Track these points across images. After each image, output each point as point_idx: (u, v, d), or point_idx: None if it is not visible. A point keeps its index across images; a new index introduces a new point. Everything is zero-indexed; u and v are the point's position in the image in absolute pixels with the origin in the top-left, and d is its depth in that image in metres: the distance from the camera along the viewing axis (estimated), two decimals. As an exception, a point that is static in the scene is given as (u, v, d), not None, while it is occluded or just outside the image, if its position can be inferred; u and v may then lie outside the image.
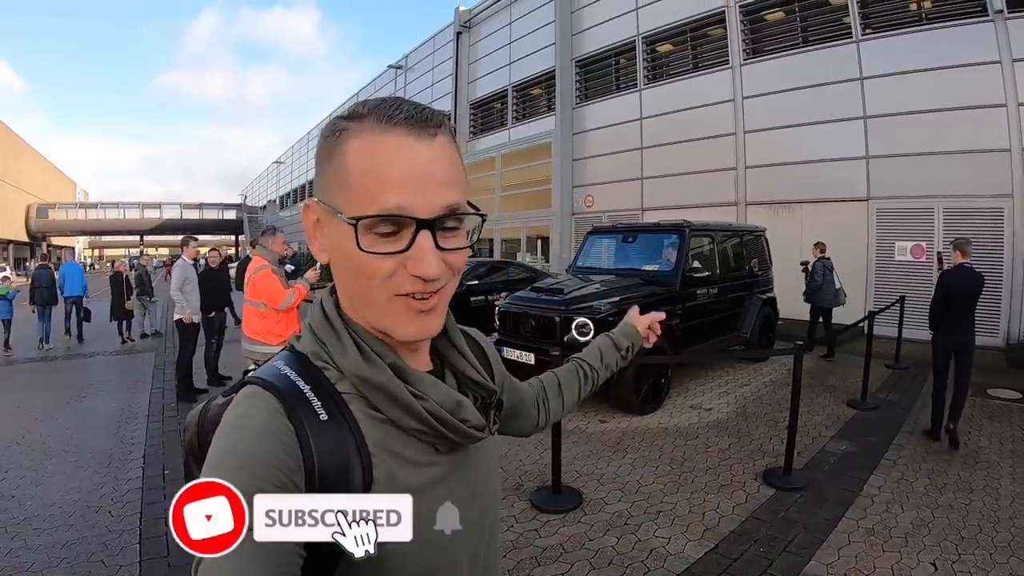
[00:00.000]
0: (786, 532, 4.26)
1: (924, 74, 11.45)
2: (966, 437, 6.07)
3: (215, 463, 0.72)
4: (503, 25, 22.38)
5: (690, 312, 7.87)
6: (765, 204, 14.03)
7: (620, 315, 6.84)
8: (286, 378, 0.82)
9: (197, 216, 65.01)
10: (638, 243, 8.84)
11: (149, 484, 5.17)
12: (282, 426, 0.76)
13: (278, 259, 5.91)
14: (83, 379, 9.46)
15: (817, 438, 6.19)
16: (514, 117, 22.14)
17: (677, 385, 8.08)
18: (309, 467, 0.75)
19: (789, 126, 13.59)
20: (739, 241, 9.54)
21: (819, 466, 5.47)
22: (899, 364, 9.32)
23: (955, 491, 4.89)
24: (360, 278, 0.80)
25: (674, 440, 6.21)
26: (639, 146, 17.11)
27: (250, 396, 0.80)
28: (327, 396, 0.81)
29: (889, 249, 11.90)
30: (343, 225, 0.77)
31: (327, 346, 0.85)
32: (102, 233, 69.03)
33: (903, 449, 5.84)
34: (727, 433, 6.38)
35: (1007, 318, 10.77)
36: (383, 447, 0.82)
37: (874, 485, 5.02)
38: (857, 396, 7.46)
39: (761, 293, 9.69)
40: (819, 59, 13.08)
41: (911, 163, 11.67)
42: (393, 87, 30.52)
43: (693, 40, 16.04)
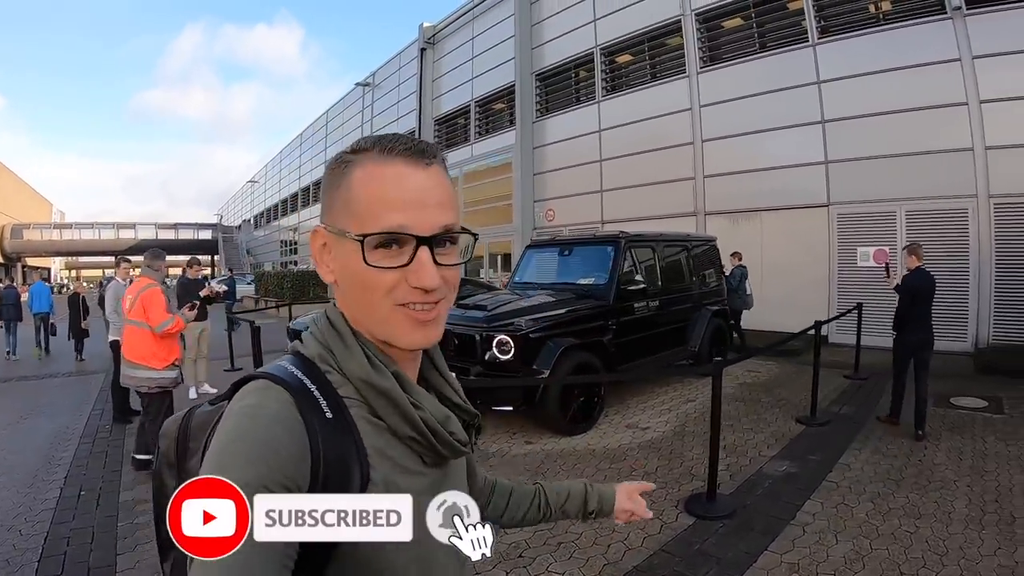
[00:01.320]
0: (695, 568, 3.75)
1: (882, 75, 11.17)
2: (921, 454, 5.62)
3: (225, 448, 0.74)
4: (465, 40, 22.13)
5: (626, 327, 7.44)
6: (725, 213, 13.68)
7: (545, 331, 6.34)
8: (294, 375, 0.85)
9: (172, 236, 64.34)
10: (574, 257, 8.47)
11: (63, 504, 5.01)
12: (294, 419, 0.78)
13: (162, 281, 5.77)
14: (31, 401, 9.17)
15: (756, 458, 5.67)
16: (477, 132, 21.83)
17: (617, 403, 7.68)
18: (315, 461, 0.77)
19: (747, 133, 13.27)
20: (685, 251, 9.09)
21: (752, 490, 4.93)
22: (858, 374, 8.88)
23: (901, 517, 4.35)
24: (366, 292, 0.86)
25: (599, 463, 5.74)
26: (598, 158, 16.81)
27: (262, 388, 0.82)
28: (330, 397, 0.84)
29: (851, 255, 11.47)
30: (350, 244, 0.85)
31: (333, 352, 0.89)
32: (77, 254, 68.58)
33: (849, 469, 5.30)
34: (658, 454, 5.88)
35: (975, 322, 10.40)
36: (379, 451, 0.84)
37: (809, 512, 4.49)
38: (808, 411, 6.93)
39: (711, 305, 9.23)
40: (776, 64, 12.80)
41: (871, 167, 11.35)
42: (361, 104, 30.35)
43: (651, 50, 15.75)
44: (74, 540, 4.33)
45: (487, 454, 5.99)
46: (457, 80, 22.66)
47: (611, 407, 7.42)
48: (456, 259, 0.91)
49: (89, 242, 62.86)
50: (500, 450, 6.16)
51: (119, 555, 4.07)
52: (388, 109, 27.55)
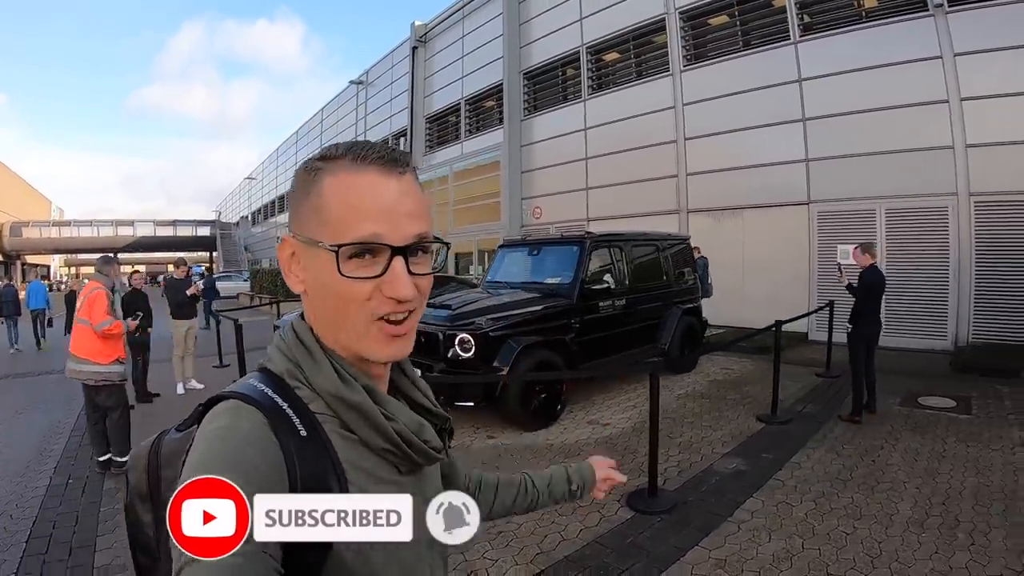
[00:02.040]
0: (624, 560, 3.77)
1: (863, 73, 11.17)
2: (875, 454, 5.56)
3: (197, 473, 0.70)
4: (456, 39, 22.20)
5: (590, 325, 7.46)
6: (707, 211, 13.72)
7: (505, 329, 6.34)
8: (264, 394, 0.83)
9: (171, 233, 64.09)
10: (542, 256, 8.49)
11: (52, 492, 5.28)
12: (267, 439, 0.76)
13: (111, 286, 6.06)
14: (28, 397, 9.32)
15: (708, 455, 5.64)
16: (467, 130, 21.91)
17: (583, 399, 7.70)
18: (292, 481, 0.76)
19: (729, 131, 13.28)
20: (654, 250, 9.09)
21: (696, 487, 4.92)
22: (830, 372, 8.80)
23: (841, 517, 4.30)
24: (339, 303, 0.84)
25: (554, 456, 5.76)
26: (584, 156, 16.84)
27: (232, 408, 0.80)
28: (303, 414, 0.82)
29: (831, 253, 11.39)
30: (322, 254, 0.83)
31: (302, 367, 0.87)
32: (76, 251, 68.19)
33: (799, 468, 5.27)
34: (613, 450, 5.84)
35: (955, 321, 10.39)
36: (354, 465, 0.84)
37: (749, 509, 4.47)
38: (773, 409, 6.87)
39: (683, 303, 9.21)
40: (757, 63, 12.82)
41: (852, 164, 11.36)
42: (355, 102, 30.35)
43: (636, 48, 15.77)
44: (60, 523, 4.61)
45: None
46: (448, 78, 22.72)
47: (576, 404, 7.43)
48: (429, 268, 0.89)
49: (88, 239, 62.23)
50: (461, 444, 6.19)
51: (99, 536, 4.35)
52: (381, 107, 27.61)
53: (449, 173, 22.05)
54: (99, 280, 5.94)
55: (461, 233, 21.31)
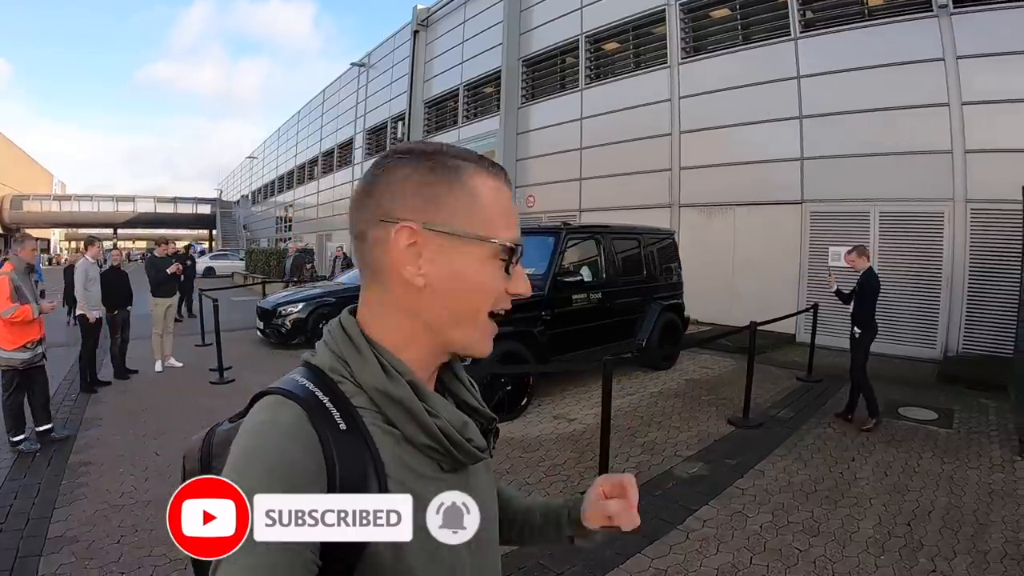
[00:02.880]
0: (561, 564, 3.67)
1: (863, 72, 10.88)
2: (844, 466, 5.34)
3: (239, 467, 0.73)
4: (457, 24, 21.99)
5: (563, 318, 7.32)
6: (699, 206, 13.47)
7: None
8: (305, 388, 0.83)
9: (171, 210, 64.28)
10: None
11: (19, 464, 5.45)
12: (308, 433, 0.76)
13: (26, 266, 6.00)
14: None
15: (670, 458, 5.46)
16: (465, 116, 21.71)
17: (553, 393, 7.59)
18: (331, 475, 0.76)
19: (724, 126, 13.04)
20: (635, 244, 8.90)
21: (651, 491, 4.72)
22: (811, 376, 8.60)
23: (797, 532, 4.10)
24: (476, 298, 0.87)
25: (511, 451, 5.60)
26: (578, 146, 16.61)
27: (273, 404, 0.81)
28: (343, 408, 0.82)
29: (823, 254, 11.17)
30: (471, 248, 0.86)
31: (347, 361, 0.87)
32: (76, 226, 68.31)
33: (762, 477, 5.07)
34: (572, 447, 5.70)
35: (945, 330, 10.14)
36: (395, 460, 0.83)
37: (701, 518, 4.29)
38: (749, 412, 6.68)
39: (663, 299, 9.03)
40: (756, 58, 12.54)
41: (847, 165, 11.07)
42: (356, 84, 30.18)
43: (635, 39, 15.49)
44: (21, 494, 4.75)
45: None
46: (448, 63, 22.51)
47: (545, 398, 7.29)
48: None
49: (88, 214, 62.53)
50: None
51: (56, 508, 4.47)
52: (381, 90, 27.45)
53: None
54: (12, 263, 5.93)
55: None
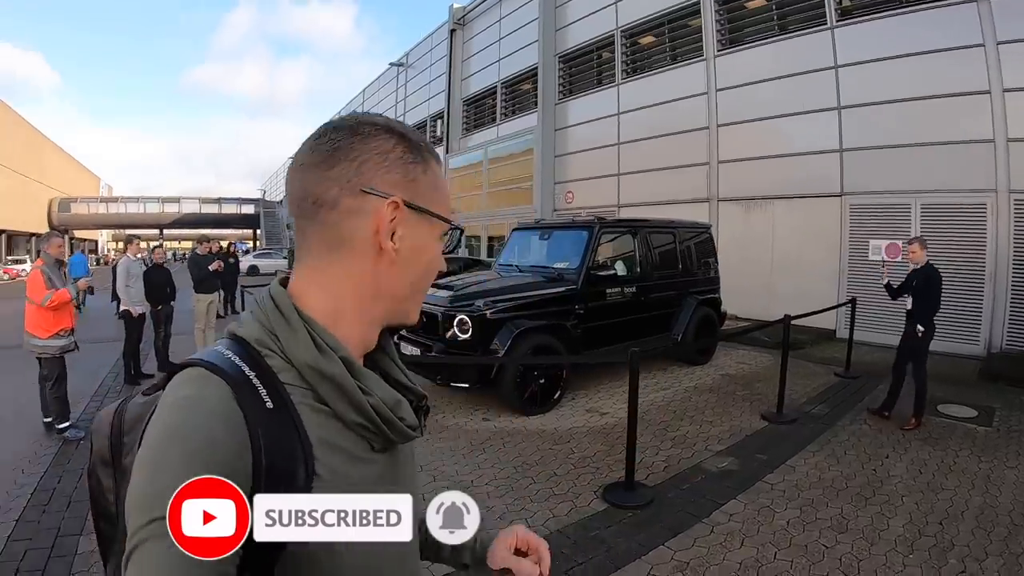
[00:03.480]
0: (584, 552, 3.70)
1: (901, 60, 10.67)
2: (878, 463, 5.27)
3: (158, 445, 0.70)
4: (493, 22, 22.13)
5: (595, 312, 7.37)
6: (737, 200, 13.36)
7: (504, 312, 6.27)
8: (231, 362, 0.79)
9: (216, 211, 65.42)
10: (553, 240, 8.42)
11: (63, 451, 5.62)
12: (233, 412, 0.73)
13: (54, 261, 6.28)
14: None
15: (701, 452, 5.47)
16: (503, 113, 21.85)
17: (587, 387, 7.62)
18: (257, 455, 0.73)
19: (762, 119, 12.89)
20: (672, 238, 8.88)
21: (679, 484, 4.77)
22: (849, 372, 8.49)
23: (824, 529, 4.06)
24: (427, 272, 0.94)
25: (541, 443, 5.70)
26: (616, 141, 16.60)
27: (197, 378, 0.77)
28: (271, 384, 0.79)
29: (863, 247, 10.97)
30: (432, 227, 0.92)
31: (277, 335, 0.84)
32: (123, 227, 69.88)
33: (792, 472, 5.05)
34: (603, 440, 5.74)
35: (988, 325, 9.90)
36: (323, 440, 0.80)
37: (727, 511, 4.30)
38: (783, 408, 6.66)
39: (700, 293, 9.01)
40: (793, 48, 12.37)
41: (887, 156, 10.89)
42: (395, 84, 30.51)
43: (671, 32, 15.42)
44: (65, 479, 4.90)
45: (442, 427, 6.17)
46: (485, 61, 22.67)
47: (578, 391, 7.35)
48: None
49: (135, 215, 63.82)
50: (456, 424, 6.31)
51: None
52: (420, 89, 27.76)
53: (484, 157, 21.99)
54: (43, 259, 6.27)
55: (494, 216, 21.31)
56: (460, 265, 13.66)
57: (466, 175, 23.31)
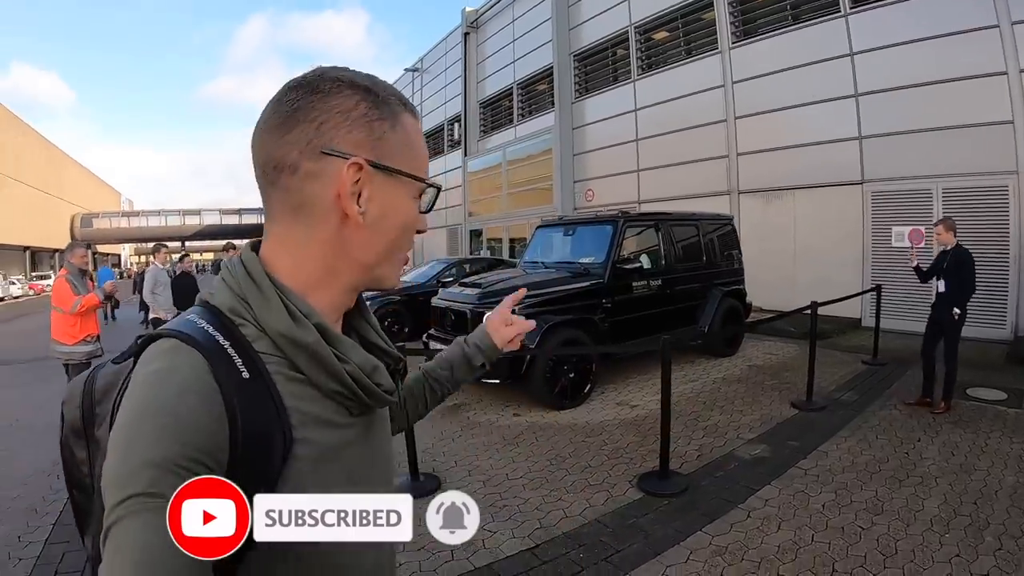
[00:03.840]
0: (622, 540, 3.78)
1: (916, 45, 10.62)
2: (910, 447, 5.30)
3: (131, 422, 0.69)
4: (507, 23, 22.23)
5: (622, 306, 7.47)
6: (758, 192, 13.36)
7: (533, 308, 6.39)
8: (204, 332, 0.78)
9: (236, 221, 65.68)
10: (577, 236, 8.49)
11: None
12: (207, 384, 0.73)
13: (78, 270, 6.28)
14: None
15: (732, 440, 5.54)
16: (520, 114, 21.93)
17: (616, 380, 7.73)
18: (233, 427, 0.72)
19: (779, 109, 12.88)
20: (695, 231, 8.94)
21: (712, 471, 4.85)
22: (877, 359, 8.50)
23: (860, 511, 4.10)
24: (403, 234, 0.90)
25: (572, 436, 5.79)
26: (634, 138, 16.64)
27: (170, 350, 0.76)
28: (246, 354, 0.78)
29: (885, 235, 10.94)
30: (405, 186, 0.88)
31: (249, 303, 0.82)
32: (145, 240, 70.61)
33: (825, 457, 5.10)
34: (634, 431, 5.85)
35: (1015, 309, 9.81)
36: (300, 408, 0.80)
37: (762, 497, 4.37)
38: (813, 395, 6.70)
39: (724, 284, 9.06)
40: (808, 37, 12.34)
41: (907, 141, 10.84)
42: (411, 89, 30.57)
43: (684, 26, 15.43)
44: None
45: (474, 423, 6.29)
46: (500, 63, 22.77)
47: (608, 385, 7.45)
48: None
49: (156, 229, 64.05)
50: (488, 420, 6.39)
51: None
52: (436, 93, 27.91)
53: (503, 159, 22.09)
54: (67, 268, 6.27)
55: (516, 217, 21.38)
56: (484, 265, 13.78)
57: (485, 177, 23.47)
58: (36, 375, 9.40)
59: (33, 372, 9.79)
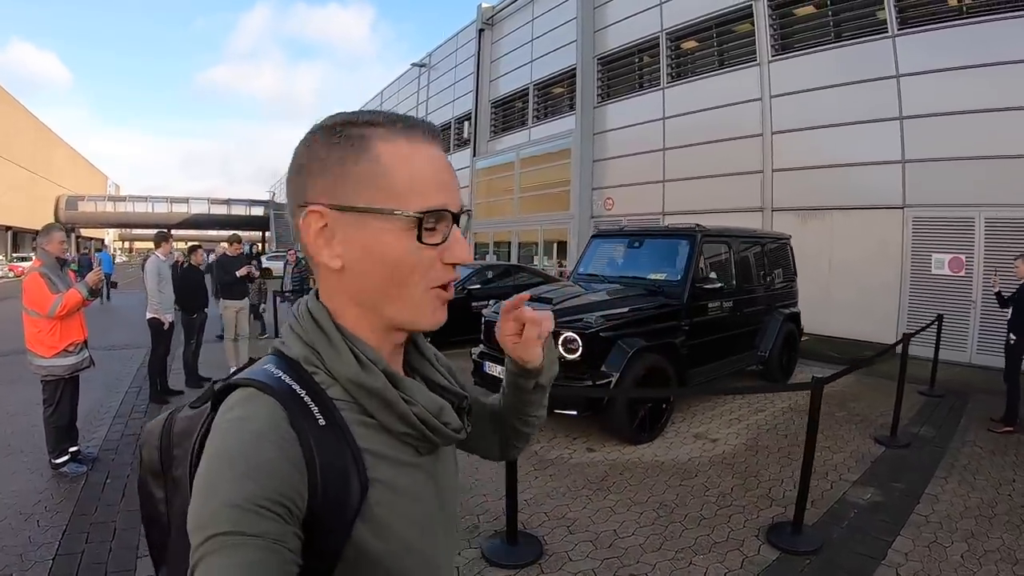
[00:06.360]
0: None
1: (965, 72, 10.51)
2: (1010, 487, 5.16)
3: (213, 468, 0.71)
4: (525, 22, 21.88)
5: (699, 328, 6.99)
6: (793, 210, 13.13)
7: (615, 330, 5.83)
8: (282, 381, 0.80)
9: (225, 212, 64.98)
10: (644, 249, 7.94)
11: (87, 493, 4.82)
12: (286, 432, 0.74)
13: (55, 260, 5.19)
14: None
15: (837, 482, 5.31)
16: (535, 116, 21.61)
17: (681, 409, 7.30)
18: (312, 473, 0.74)
19: (819, 127, 12.69)
20: (759, 249, 8.54)
21: (836, 521, 4.59)
22: (934, 391, 8.33)
23: (998, 561, 3.94)
24: (400, 274, 0.83)
25: (668, 478, 5.37)
26: (661, 147, 16.37)
27: (249, 399, 0.78)
28: (321, 402, 0.80)
29: (925, 262, 10.92)
30: (384, 223, 0.81)
31: (319, 352, 0.84)
32: (130, 226, 69.99)
33: (937, 502, 4.92)
34: (732, 472, 5.53)
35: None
36: (372, 450, 0.82)
37: (901, 550, 4.13)
38: (887, 430, 6.55)
39: (783, 307, 8.81)
40: (852, 56, 12.16)
41: (951, 168, 10.72)
42: (416, 85, 30.29)
43: (719, 36, 15.22)
44: (93, 536, 4.12)
45: (546, 460, 5.71)
46: (516, 62, 22.42)
47: (676, 414, 7.05)
48: None
49: (142, 215, 63.79)
50: (560, 457, 5.83)
51: (139, 557, 3.78)
52: (444, 91, 27.51)
53: (515, 159, 21.73)
54: (40, 258, 5.21)
55: (526, 221, 21.09)
56: (501, 271, 13.46)
57: (494, 179, 23.14)
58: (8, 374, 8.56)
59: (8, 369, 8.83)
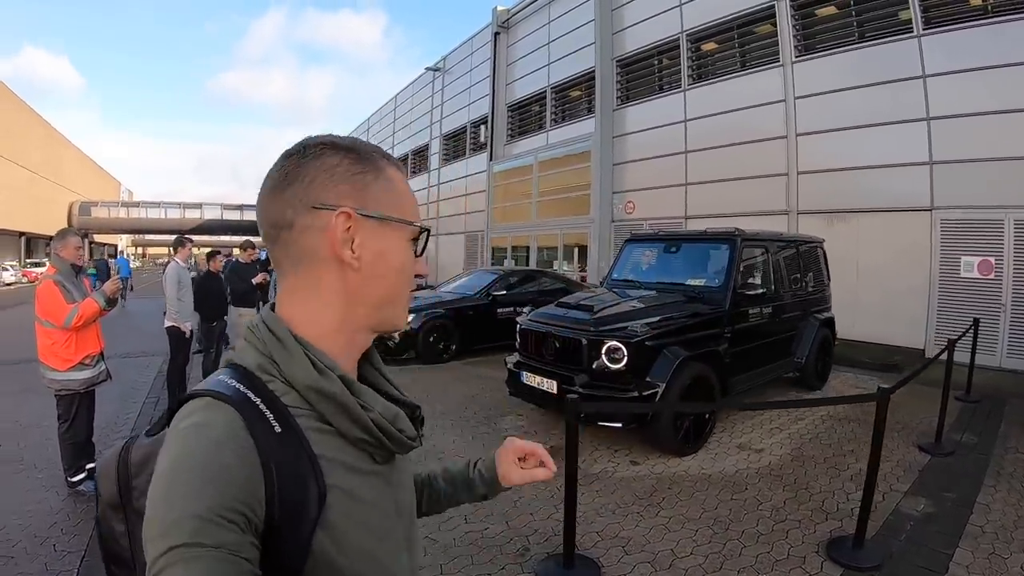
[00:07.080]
0: None
1: (993, 71, 10.41)
2: None
3: (169, 476, 0.71)
4: (542, 25, 21.79)
5: (740, 335, 6.91)
6: (818, 213, 13.01)
7: (660, 338, 5.78)
8: (236, 389, 0.82)
9: (237, 217, 65.08)
10: (682, 254, 7.85)
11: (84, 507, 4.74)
12: (244, 439, 0.76)
13: (70, 267, 5.02)
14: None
15: (888, 493, 5.29)
16: (552, 119, 21.52)
17: (722, 418, 7.25)
18: (269, 481, 0.75)
19: (845, 128, 12.56)
20: (795, 253, 8.45)
21: (894, 534, 4.58)
22: (970, 396, 8.29)
23: None
24: (401, 278, 0.95)
25: (718, 492, 5.31)
26: (683, 150, 16.24)
27: (205, 407, 0.79)
28: (276, 408, 0.82)
29: (954, 265, 10.84)
30: (396, 232, 0.94)
31: (275, 359, 0.86)
32: (144, 232, 70.24)
33: (990, 511, 4.92)
34: (782, 484, 5.50)
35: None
36: (329, 457, 0.84)
37: (961, 563, 4.12)
38: (929, 437, 6.55)
39: (818, 312, 8.74)
40: (877, 56, 12.05)
41: (979, 170, 10.61)
42: (431, 89, 30.22)
43: (740, 37, 15.11)
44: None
45: (590, 475, 5.56)
46: (532, 65, 22.33)
47: (717, 424, 6.97)
48: None
49: (155, 221, 64.33)
50: (604, 471, 5.73)
51: None
52: (459, 94, 27.42)
53: (534, 162, 21.65)
54: (54, 265, 5.04)
55: (545, 225, 21.04)
56: (523, 276, 13.42)
57: (512, 183, 23.08)
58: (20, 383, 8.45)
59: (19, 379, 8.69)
